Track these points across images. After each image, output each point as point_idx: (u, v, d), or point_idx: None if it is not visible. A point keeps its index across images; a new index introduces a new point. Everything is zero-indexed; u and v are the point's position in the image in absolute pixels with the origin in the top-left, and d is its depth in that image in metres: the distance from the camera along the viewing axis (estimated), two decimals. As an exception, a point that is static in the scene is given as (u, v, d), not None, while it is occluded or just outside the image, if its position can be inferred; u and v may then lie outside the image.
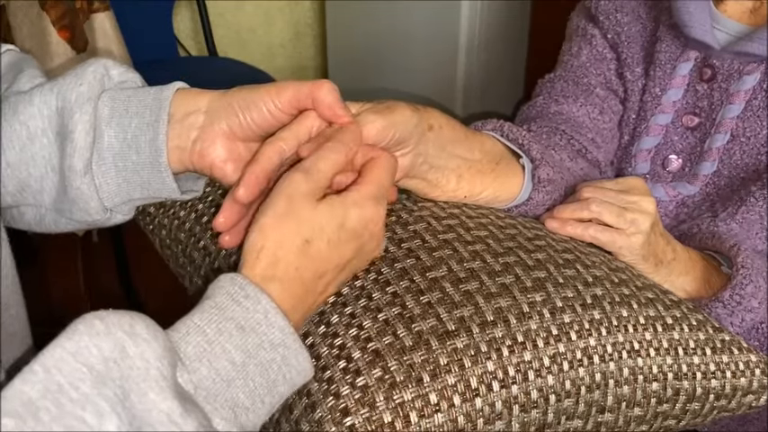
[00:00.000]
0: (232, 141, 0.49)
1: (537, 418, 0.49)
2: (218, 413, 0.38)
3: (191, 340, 0.39)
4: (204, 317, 0.40)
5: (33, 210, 0.50)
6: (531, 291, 0.52)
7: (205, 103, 0.49)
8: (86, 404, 0.32)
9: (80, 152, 0.46)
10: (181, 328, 0.39)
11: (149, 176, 0.49)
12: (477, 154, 0.61)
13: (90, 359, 0.33)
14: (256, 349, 0.40)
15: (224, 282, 0.42)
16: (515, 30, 1.98)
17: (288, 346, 0.41)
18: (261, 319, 0.40)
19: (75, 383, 0.32)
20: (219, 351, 0.39)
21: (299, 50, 2.49)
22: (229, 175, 0.50)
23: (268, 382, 0.41)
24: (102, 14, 1.38)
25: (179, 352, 0.38)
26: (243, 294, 0.41)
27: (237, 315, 0.40)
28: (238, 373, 0.39)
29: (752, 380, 0.57)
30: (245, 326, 0.40)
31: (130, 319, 0.35)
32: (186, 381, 0.37)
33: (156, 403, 0.34)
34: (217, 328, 0.39)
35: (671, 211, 0.80)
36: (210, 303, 0.40)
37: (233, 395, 0.39)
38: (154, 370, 0.34)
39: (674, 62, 0.79)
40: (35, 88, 0.48)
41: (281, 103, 0.48)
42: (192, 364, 0.38)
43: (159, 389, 0.34)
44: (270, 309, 0.41)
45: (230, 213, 0.48)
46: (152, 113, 0.48)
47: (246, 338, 0.40)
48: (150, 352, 0.35)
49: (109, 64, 0.50)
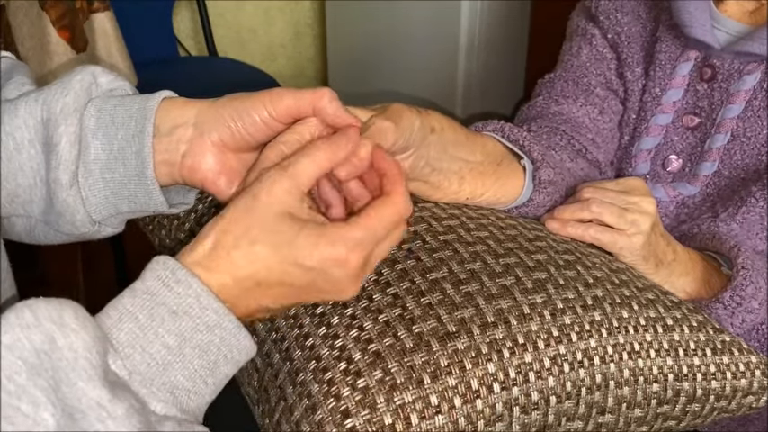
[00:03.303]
0: (223, 153, 0.48)
1: (537, 419, 0.49)
2: (155, 396, 0.39)
3: (123, 327, 0.39)
4: (136, 302, 0.40)
5: (24, 220, 0.50)
6: (531, 292, 0.52)
7: (193, 115, 0.48)
8: (22, 395, 0.34)
9: (65, 165, 0.46)
10: (112, 313, 0.40)
11: (136, 189, 0.48)
12: (478, 156, 0.60)
13: (24, 352, 0.34)
14: (191, 332, 0.40)
15: (155, 264, 0.41)
16: (515, 30, 1.98)
17: (224, 327, 0.41)
18: (193, 303, 0.41)
19: (12, 377, 0.34)
20: (152, 336, 0.39)
21: (299, 50, 2.49)
22: (223, 189, 0.48)
23: (209, 363, 0.41)
24: (102, 14, 1.38)
25: (111, 338, 0.39)
26: (174, 279, 0.41)
27: (169, 300, 0.40)
28: (174, 356, 0.40)
29: (752, 381, 0.57)
30: (178, 310, 0.40)
31: (60, 309, 0.36)
32: (119, 367, 0.38)
33: (86, 391, 0.35)
34: (149, 314, 0.40)
35: (671, 211, 0.80)
36: (142, 288, 0.41)
37: (170, 378, 0.40)
38: (82, 360, 0.35)
39: (675, 62, 0.79)
40: (21, 97, 0.47)
41: (276, 111, 0.46)
42: (124, 350, 0.39)
43: (88, 377, 0.35)
44: (201, 292, 0.41)
45: None
46: (137, 124, 0.47)
47: (180, 323, 0.40)
48: (79, 342, 0.36)
49: (97, 71, 0.49)
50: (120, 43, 1.41)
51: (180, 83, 1.76)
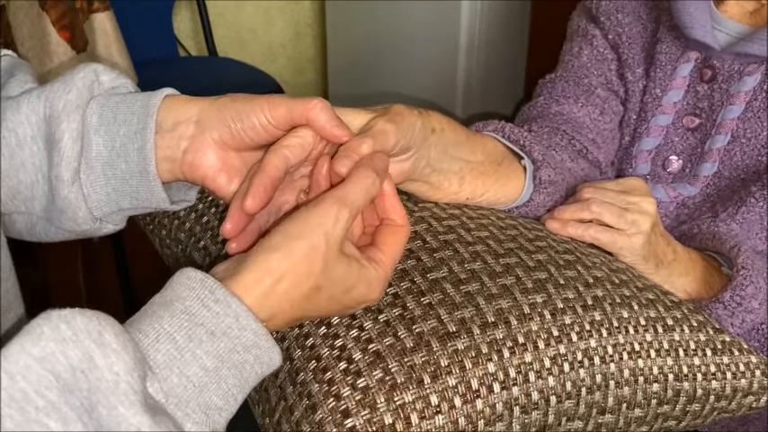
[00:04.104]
0: (224, 151, 0.48)
1: (537, 419, 0.49)
2: (190, 418, 0.38)
3: (160, 348, 0.38)
4: (174, 322, 0.39)
5: (25, 217, 0.49)
6: (531, 292, 0.52)
7: (195, 112, 0.48)
8: (52, 412, 0.32)
9: (67, 161, 0.46)
10: (149, 332, 0.39)
11: (138, 185, 0.48)
12: (479, 156, 0.61)
13: (57, 367, 0.33)
14: (229, 353, 0.40)
15: (194, 282, 0.41)
16: (515, 30, 1.98)
17: (260, 347, 0.41)
18: (232, 323, 0.40)
19: (42, 391, 0.32)
20: (190, 358, 0.39)
21: (299, 50, 2.49)
22: (223, 186, 0.48)
23: (241, 381, 0.41)
24: (102, 14, 1.37)
25: (148, 360, 0.37)
26: (212, 299, 0.40)
27: (208, 321, 0.40)
28: (211, 378, 0.39)
29: (752, 381, 0.57)
30: (216, 331, 0.40)
31: (99, 326, 0.35)
32: (157, 390, 0.37)
33: (126, 417, 0.33)
34: (187, 335, 0.39)
35: (671, 211, 0.80)
36: (180, 308, 0.40)
37: (206, 399, 0.39)
38: (124, 384, 0.34)
39: (675, 63, 0.79)
40: (23, 94, 0.47)
41: (273, 119, 0.47)
42: (161, 373, 0.38)
43: (129, 403, 0.34)
44: (240, 312, 0.40)
45: (238, 220, 0.47)
46: (139, 121, 0.47)
47: (218, 344, 0.40)
48: (121, 364, 0.34)
49: (99, 69, 0.49)
50: (120, 43, 1.41)
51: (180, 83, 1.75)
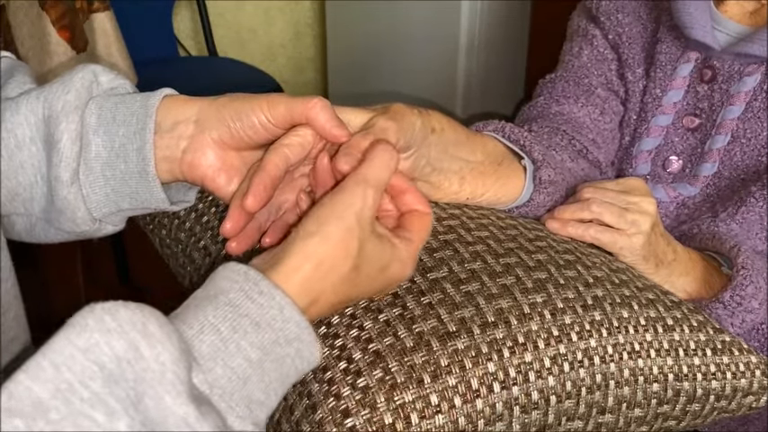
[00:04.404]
0: (224, 150, 0.48)
1: (537, 419, 0.49)
2: (234, 411, 0.38)
3: (205, 339, 0.38)
4: (218, 314, 0.39)
5: (24, 219, 0.49)
6: (531, 292, 0.52)
7: (195, 112, 0.48)
8: (97, 403, 0.32)
9: (66, 162, 0.46)
10: (194, 324, 0.38)
11: (137, 186, 0.48)
12: (479, 155, 0.61)
13: (102, 357, 0.32)
14: (272, 345, 0.40)
15: (237, 277, 0.41)
16: (515, 30, 1.98)
17: (302, 340, 0.41)
18: (276, 315, 0.40)
19: (86, 382, 0.32)
20: (234, 349, 0.38)
21: (299, 50, 2.49)
22: (222, 186, 0.48)
23: (282, 375, 0.40)
24: (102, 14, 1.38)
25: (193, 351, 0.37)
26: (257, 291, 0.40)
27: (252, 312, 0.39)
28: (254, 370, 0.39)
29: (752, 381, 0.57)
30: (261, 322, 0.39)
31: (143, 317, 0.34)
32: (201, 381, 0.37)
33: (173, 408, 0.33)
34: (231, 326, 0.39)
35: (671, 211, 0.80)
36: (224, 300, 0.40)
37: (249, 392, 0.38)
38: (170, 374, 0.34)
39: (675, 63, 0.79)
40: (22, 95, 0.47)
41: (273, 117, 0.47)
42: (206, 364, 0.37)
43: (176, 393, 0.34)
44: (285, 304, 0.40)
45: (238, 219, 0.47)
46: (138, 121, 0.47)
47: (263, 335, 0.39)
48: (166, 355, 0.34)
49: (98, 70, 0.49)
50: (120, 43, 1.41)
51: (180, 83, 1.75)
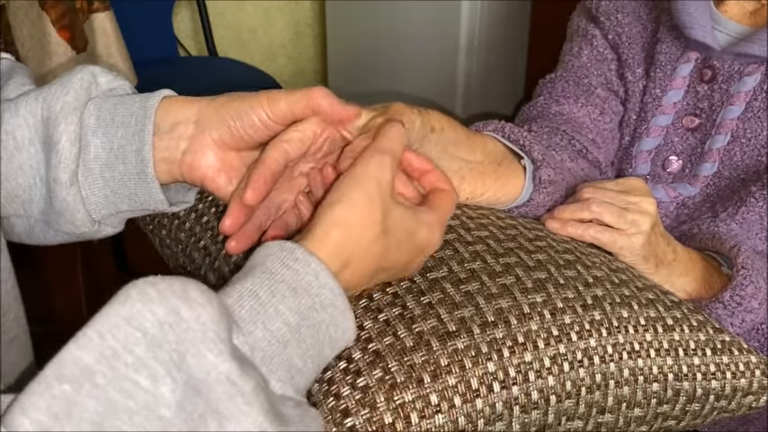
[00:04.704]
0: (224, 151, 0.48)
1: (537, 418, 0.49)
2: (275, 375, 0.38)
3: (244, 304, 0.38)
4: (256, 281, 0.39)
5: (23, 220, 0.49)
6: (531, 291, 0.52)
7: (194, 113, 0.48)
8: (141, 368, 0.32)
9: (65, 163, 0.46)
10: (232, 293, 0.39)
11: (136, 187, 0.48)
12: (478, 155, 0.61)
13: (144, 324, 0.33)
14: (309, 310, 0.40)
15: (273, 249, 0.41)
16: (515, 30, 1.98)
17: (336, 306, 0.41)
18: (312, 281, 0.40)
19: (130, 347, 0.32)
20: (273, 313, 0.39)
21: (299, 50, 2.49)
22: (222, 186, 0.48)
23: (317, 343, 0.41)
24: (102, 14, 1.38)
25: (233, 315, 0.38)
26: (292, 258, 0.40)
27: (288, 278, 0.40)
28: (293, 334, 0.39)
29: (752, 381, 0.57)
30: (297, 287, 0.40)
31: (183, 285, 0.35)
32: (242, 343, 0.37)
33: (216, 365, 0.34)
34: (269, 291, 0.39)
35: (671, 211, 0.80)
36: (261, 269, 0.40)
37: (288, 357, 0.39)
38: (211, 332, 0.34)
39: (675, 63, 0.79)
40: (21, 96, 0.47)
41: (273, 114, 0.47)
42: (246, 327, 0.38)
43: (218, 351, 0.34)
44: (320, 270, 0.41)
45: (237, 216, 0.48)
46: (137, 123, 0.47)
47: (300, 300, 0.40)
48: (206, 315, 0.35)
49: (97, 71, 0.49)
50: (120, 43, 1.41)
51: (180, 83, 1.76)
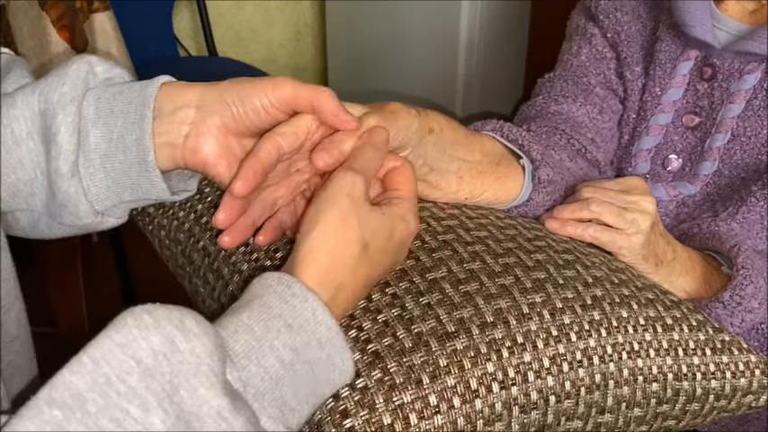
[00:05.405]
0: (225, 137, 0.48)
1: (537, 419, 0.49)
2: (266, 412, 0.38)
3: (239, 338, 0.38)
4: (252, 315, 0.39)
5: (27, 215, 0.49)
6: (530, 292, 0.52)
7: (196, 97, 0.47)
8: (133, 397, 0.32)
9: (65, 155, 0.45)
10: (228, 325, 0.39)
11: (138, 177, 0.48)
12: (477, 155, 0.60)
13: (138, 352, 0.33)
14: (304, 347, 0.40)
15: (270, 281, 0.41)
16: (515, 30, 1.98)
17: (334, 345, 0.41)
18: (309, 317, 0.40)
19: (123, 376, 0.32)
20: (268, 349, 0.39)
21: (299, 50, 2.49)
22: (222, 172, 0.48)
23: (312, 381, 0.40)
24: (102, 14, 1.37)
25: (227, 349, 0.37)
26: (290, 293, 0.40)
27: (285, 313, 0.40)
28: (286, 371, 0.39)
29: (752, 380, 0.57)
30: (293, 324, 0.40)
31: (180, 314, 0.35)
32: (235, 378, 0.37)
33: (207, 399, 0.34)
34: (265, 326, 0.39)
35: (671, 210, 0.80)
36: (258, 303, 0.40)
37: (281, 394, 0.39)
38: (205, 366, 0.34)
39: (675, 61, 0.79)
40: (18, 90, 0.47)
41: (276, 99, 0.47)
42: (240, 362, 0.37)
43: (210, 384, 0.34)
44: (317, 307, 0.41)
45: (230, 209, 0.47)
46: (137, 111, 0.46)
47: (295, 336, 0.39)
48: (201, 347, 0.34)
49: (93, 60, 0.48)
50: (120, 43, 1.41)
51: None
